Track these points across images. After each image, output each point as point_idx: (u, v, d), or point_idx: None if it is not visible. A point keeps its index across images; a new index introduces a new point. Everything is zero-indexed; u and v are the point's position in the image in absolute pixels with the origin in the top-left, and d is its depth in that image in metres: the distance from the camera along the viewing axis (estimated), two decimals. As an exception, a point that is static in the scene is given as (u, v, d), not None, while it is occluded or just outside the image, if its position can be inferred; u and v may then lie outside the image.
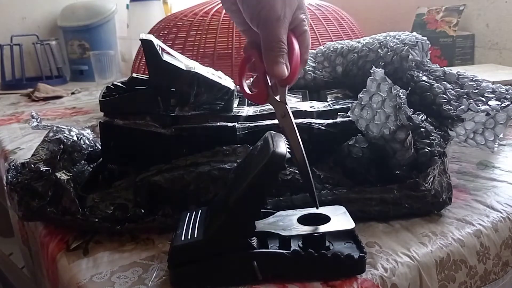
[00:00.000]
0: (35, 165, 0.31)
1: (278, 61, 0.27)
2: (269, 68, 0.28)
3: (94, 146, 0.36)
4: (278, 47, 0.27)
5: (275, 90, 0.29)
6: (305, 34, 0.29)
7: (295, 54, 0.28)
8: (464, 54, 0.81)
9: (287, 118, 0.28)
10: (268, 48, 0.28)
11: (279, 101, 0.28)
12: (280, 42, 0.28)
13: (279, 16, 0.27)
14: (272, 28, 0.27)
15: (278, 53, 0.27)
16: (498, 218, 0.31)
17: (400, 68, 0.36)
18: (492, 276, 0.30)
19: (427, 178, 0.29)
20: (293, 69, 0.28)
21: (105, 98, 0.34)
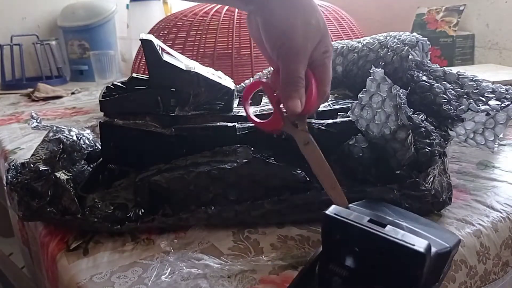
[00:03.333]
0: (35, 165, 0.31)
1: (293, 96, 0.27)
2: (284, 102, 0.28)
3: (94, 146, 0.36)
4: (295, 82, 0.27)
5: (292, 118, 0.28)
6: (323, 67, 0.29)
7: (312, 88, 0.28)
8: (464, 54, 0.81)
9: (311, 146, 0.27)
10: (285, 82, 0.28)
11: (298, 129, 0.28)
12: (297, 77, 0.27)
13: (299, 51, 0.27)
14: (291, 63, 0.27)
15: (294, 88, 0.27)
16: (498, 218, 0.31)
17: (400, 68, 0.36)
18: (492, 276, 0.30)
19: (427, 178, 0.29)
20: (308, 103, 0.28)
21: (105, 98, 0.34)
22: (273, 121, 0.29)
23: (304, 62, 0.28)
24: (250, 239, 0.29)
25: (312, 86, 0.28)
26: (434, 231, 0.20)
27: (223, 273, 0.26)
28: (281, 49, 0.27)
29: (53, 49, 1.08)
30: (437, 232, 0.20)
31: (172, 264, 0.27)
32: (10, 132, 0.60)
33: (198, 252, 0.28)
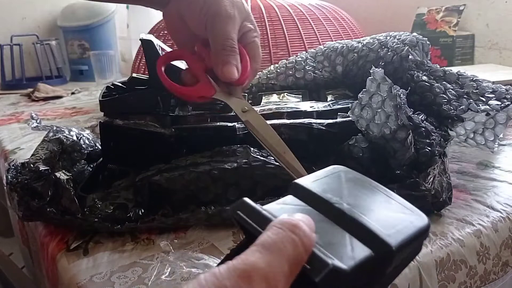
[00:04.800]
0: (35, 165, 0.31)
1: (228, 61, 0.26)
2: (219, 68, 0.26)
3: (94, 146, 0.36)
4: (229, 47, 0.26)
5: (223, 86, 0.27)
6: (254, 44, 0.28)
7: (246, 61, 0.27)
8: (464, 54, 0.81)
9: (251, 112, 0.26)
10: (220, 47, 0.26)
11: (233, 97, 0.26)
12: (231, 42, 0.26)
13: (228, 15, 0.26)
14: (222, 25, 0.26)
15: (229, 53, 0.26)
16: (498, 218, 0.31)
17: (400, 68, 0.36)
18: (492, 276, 0.30)
19: (427, 178, 0.29)
20: (244, 74, 0.26)
21: (105, 98, 0.34)
22: (202, 87, 0.27)
23: (235, 28, 0.26)
24: (250, 239, 0.29)
25: (246, 60, 0.27)
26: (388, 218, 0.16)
27: (223, 273, 0.26)
28: (208, 14, 0.26)
29: (53, 49, 1.08)
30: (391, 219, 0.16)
31: (172, 264, 0.27)
32: (10, 132, 0.60)
33: (198, 252, 0.28)
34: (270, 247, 0.13)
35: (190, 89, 0.28)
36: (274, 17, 0.61)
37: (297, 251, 0.13)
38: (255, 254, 0.12)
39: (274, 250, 0.13)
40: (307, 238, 0.13)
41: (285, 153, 0.24)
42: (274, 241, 0.13)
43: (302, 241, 0.13)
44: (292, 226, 0.13)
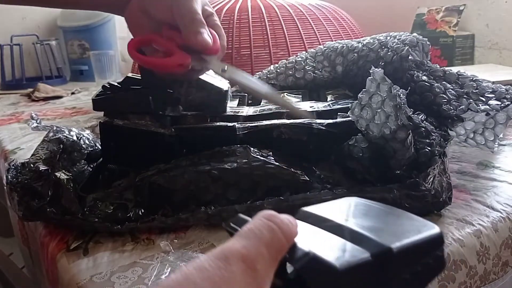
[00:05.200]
0: (35, 165, 0.31)
1: (200, 31, 0.28)
2: (193, 39, 0.28)
3: (94, 146, 0.36)
4: (198, 19, 0.28)
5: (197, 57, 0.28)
6: (217, 26, 0.30)
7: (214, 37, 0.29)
8: (464, 54, 0.81)
9: (230, 68, 0.28)
10: (188, 21, 0.28)
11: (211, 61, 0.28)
12: (198, 15, 0.28)
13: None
14: (188, 4, 0.28)
15: (199, 24, 0.28)
16: (498, 218, 0.31)
17: (400, 68, 0.36)
18: (492, 276, 0.30)
19: (427, 178, 0.29)
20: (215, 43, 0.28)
21: (97, 97, 0.34)
22: (178, 56, 0.28)
23: (199, 7, 0.28)
24: (250, 239, 0.29)
25: (215, 37, 0.29)
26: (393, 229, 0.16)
27: (223, 273, 0.26)
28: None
29: (53, 49, 1.08)
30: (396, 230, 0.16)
31: (172, 264, 0.27)
32: (10, 132, 0.60)
33: (198, 252, 0.28)
34: (247, 233, 0.13)
35: (167, 59, 0.28)
36: (274, 17, 0.61)
37: (275, 236, 0.13)
38: (232, 240, 0.13)
39: (250, 235, 0.13)
40: (285, 226, 0.14)
41: (282, 96, 0.27)
42: (251, 228, 0.14)
43: (280, 228, 0.14)
44: (269, 215, 0.14)
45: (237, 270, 0.13)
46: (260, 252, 0.13)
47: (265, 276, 0.13)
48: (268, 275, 0.13)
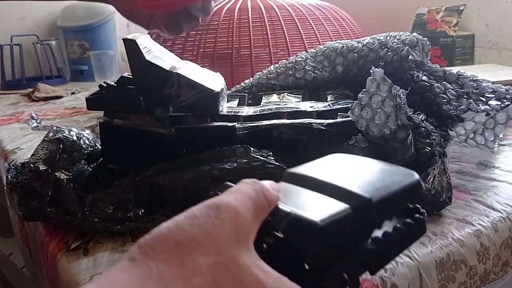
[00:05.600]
0: (35, 165, 0.31)
1: None
2: None
3: (94, 146, 0.36)
4: None
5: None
6: None
7: None
8: (464, 54, 0.81)
9: None
10: None
11: None
12: None
13: None
14: None
15: None
16: (498, 218, 0.31)
17: (400, 68, 0.36)
18: (492, 276, 0.30)
19: (427, 178, 0.29)
20: None
21: (91, 96, 0.34)
22: None
23: None
24: (250, 239, 0.29)
25: None
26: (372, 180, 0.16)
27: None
28: None
29: (53, 49, 1.08)
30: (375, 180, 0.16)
31: (172, 264, 0.27)
32: (10, 132, 0.60)
33: (198, 252, 0.28)
34: (235, 190, 0.15)
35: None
36: (274, 17, 0.61)
37: (259, 197, 0.14)
38: (222, 195, 0.14)
39: (238, 192, 0.15)
40: (266, 190, 0.15)
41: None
42: (238, 187, 0.15)
43: (263, 191, 0.15)
44: (252, 181, 0.15)
45: (226, 218, 0.13)
46: (247, 206, 0.14)
47: (250, 230, 0.14)
48: (253, 230, 0.14)
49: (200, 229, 0.13)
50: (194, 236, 0.13)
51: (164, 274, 0.12)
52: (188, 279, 0.12)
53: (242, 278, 0.13)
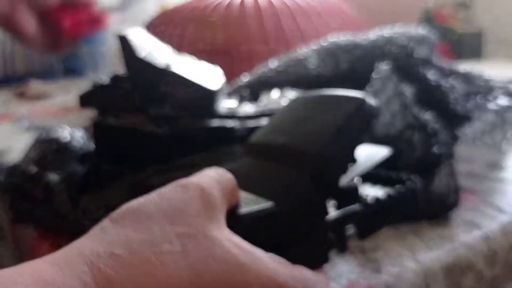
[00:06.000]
0: (26, 167, 0.30)
1: None
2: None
3: (88, 146, 0.35)
4: None
5: None
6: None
7: None
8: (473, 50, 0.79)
9: None
10: None
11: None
12: None
13: None
14: None
15: None
16: (507, 221, 0.30)
17: (406, 64, 0.35)
18: (500, 281, 0.29)
19: (434, 179, 0.28)
20: None
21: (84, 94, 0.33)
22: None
23: None
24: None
25: None
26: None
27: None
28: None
29: (48, 45, 1.06)
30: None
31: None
32: (1, 132, 0.59)
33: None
34: (201, 173, 0.16)
35: None
36: (273, 12, 0.59)
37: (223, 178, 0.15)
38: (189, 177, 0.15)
39: (203, 174, 0.16)
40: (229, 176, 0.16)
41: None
42: (203, 172, 0.16)
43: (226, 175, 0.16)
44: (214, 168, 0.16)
45: (193, 194, 0.14)
46: (213, 185, 0.15)
47: (218, 208, 0.14)
48: (221, 208, 0.14)
49: (169, 204, 0.13)
50: (163, 208, 0.13)
51: (132, 239, 0.12)
52: (157, 244, 0.12)
53: (212, 250, 0.13)
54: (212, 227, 0.13)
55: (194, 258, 0.12)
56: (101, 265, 0.11)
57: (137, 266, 0.11)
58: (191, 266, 0.12)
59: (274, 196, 0.15)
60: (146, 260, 0.12)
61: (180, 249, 0.12)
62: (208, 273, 0.12)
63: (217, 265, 0.12)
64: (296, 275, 0.14)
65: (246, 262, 0.13)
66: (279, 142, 0.16)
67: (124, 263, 0.11)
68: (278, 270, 0.13)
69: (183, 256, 0.12)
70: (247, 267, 0.13)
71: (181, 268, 0.12)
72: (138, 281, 0.11)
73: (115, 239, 0.12)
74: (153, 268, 0.11)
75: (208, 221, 0.13)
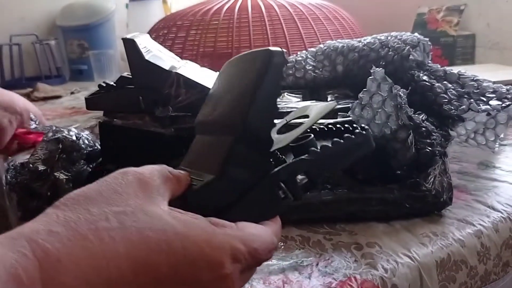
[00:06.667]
0: (34, 165, 0.30)
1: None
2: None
3: (93, 146, 0.36)
4: None
5: None
6: None
7: None
8: (465, 54, 0.81)
9: None
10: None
11: None
12: None
13: None
14: None
15: None
16: (499, 218, 0.31)
17: (401, 68, 0.36)
18: (493, 277, 0.30)
19: (428, 178, 0.29)
20: None
21: (91, 96, 0.34)
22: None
23: None
24: (250, 240, 0.29)
25: None
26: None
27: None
28: None
29: (52, 48, 1.08)
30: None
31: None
32: (9, 132, 0.60)
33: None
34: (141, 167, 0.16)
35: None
36: (274, 16, 0.61)
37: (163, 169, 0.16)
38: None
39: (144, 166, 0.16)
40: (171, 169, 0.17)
41: None
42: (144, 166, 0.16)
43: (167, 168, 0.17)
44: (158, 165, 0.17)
45: (132, 179, 0.14)
46: (153, 173, 0.15)
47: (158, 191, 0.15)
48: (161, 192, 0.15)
49: (108, 187, 0.14)
50: (102, 191, 0.14)
51: (70, 218, 0.13)
52: (93, 222, 0.13)
53: (150, 223, 0.13)
54: (151, 205, 0.14)
55: (132, 232, 0.13)
56: (39, 240, 0.12)
57: (74, 241, 0.12)
58: (128, 239, 0.12)
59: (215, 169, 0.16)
60: (82, 236, 0.12)
61: (117, 225, 0.13)
62: (145, 244, 0.13)
63: (154, 236, 0.13)
64: (234, 233, 0.14)
65: (184, 230, 0.13)
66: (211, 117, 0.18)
67: (62, 239, 0.12)
68: (215, 233, 0.14)
69: (120, 232, 0.13)
70: (185, 235, 0.13)
71: (118, 242, 0.12)
72: (74, 254, 0.12)
73: (54, 220, 0.13)
74: (89, 243, 0.12)
75: (146, 200, 0.14)
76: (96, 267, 0.12)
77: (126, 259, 0.12)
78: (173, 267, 0.13)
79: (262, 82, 0.16)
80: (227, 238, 0.14)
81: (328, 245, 0.28)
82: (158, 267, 0.13)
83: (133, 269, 0.12)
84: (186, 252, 0.13)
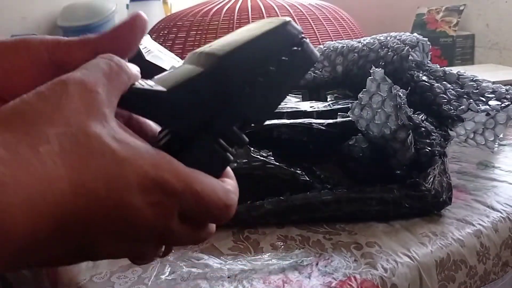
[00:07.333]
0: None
1: None
2: None
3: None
4: None
5: None
6: None
7: None
8: (464, 54, 0.81)
9: None
10: None
11: None
12: None
13: None
14: None
15: None
16: (498, 218, 0.31)
17: (400, 68, 0.36)
18: (492, 276, 0.30)
19: (427, 178, 0.29)
20: None
21: None
22: None
23: None
24: (250, 239, 0.29)
25: None
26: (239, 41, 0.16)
27: (223, 273, 0.26)
28: None
29: (53, 49, 1.08)
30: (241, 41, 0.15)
31: (172, 264, 0.27)
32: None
33: (198, 251, 0.28)
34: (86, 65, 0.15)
35: None
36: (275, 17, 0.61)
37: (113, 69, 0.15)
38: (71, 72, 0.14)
39: (89, 66, 0.14)
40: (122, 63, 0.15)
41: None
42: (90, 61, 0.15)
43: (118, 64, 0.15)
44: (107, 55, 0.15)
45: (73, 91, 0.13)
46: (98, 79, 0.14)
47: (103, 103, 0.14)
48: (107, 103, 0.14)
49: (46, 103, 0.13)
50: (39, 108, 0.13)
51: (9, 140, 0.12)
52: (34, 146, 0.12)
53: (90, 147, 0.13)
54: (94, 123, 0.13)
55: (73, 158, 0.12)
56: None
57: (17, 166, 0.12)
58: (69, 165, 0.12)
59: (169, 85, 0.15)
60: (25, 160, 0.12)
61: (58, 149, 0.12)
62: (86, 170, 0.12)
63: (94, 161, 0.12)
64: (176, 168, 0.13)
65: (125, 155, 0.13)
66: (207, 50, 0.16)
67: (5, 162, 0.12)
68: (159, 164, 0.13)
69: (61, 156, 0.12)
70: (125, 161, 0.13)
71: (60, 167, 0.12)
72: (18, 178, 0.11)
73: None
74: (33, 168, 0.12)
75: (89, 118, 0.13)
76: (41, 192, 0.12)
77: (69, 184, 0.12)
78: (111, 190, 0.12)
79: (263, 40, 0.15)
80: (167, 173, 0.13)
81: (328, 245, 0.28)
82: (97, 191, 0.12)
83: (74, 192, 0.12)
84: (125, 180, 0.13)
